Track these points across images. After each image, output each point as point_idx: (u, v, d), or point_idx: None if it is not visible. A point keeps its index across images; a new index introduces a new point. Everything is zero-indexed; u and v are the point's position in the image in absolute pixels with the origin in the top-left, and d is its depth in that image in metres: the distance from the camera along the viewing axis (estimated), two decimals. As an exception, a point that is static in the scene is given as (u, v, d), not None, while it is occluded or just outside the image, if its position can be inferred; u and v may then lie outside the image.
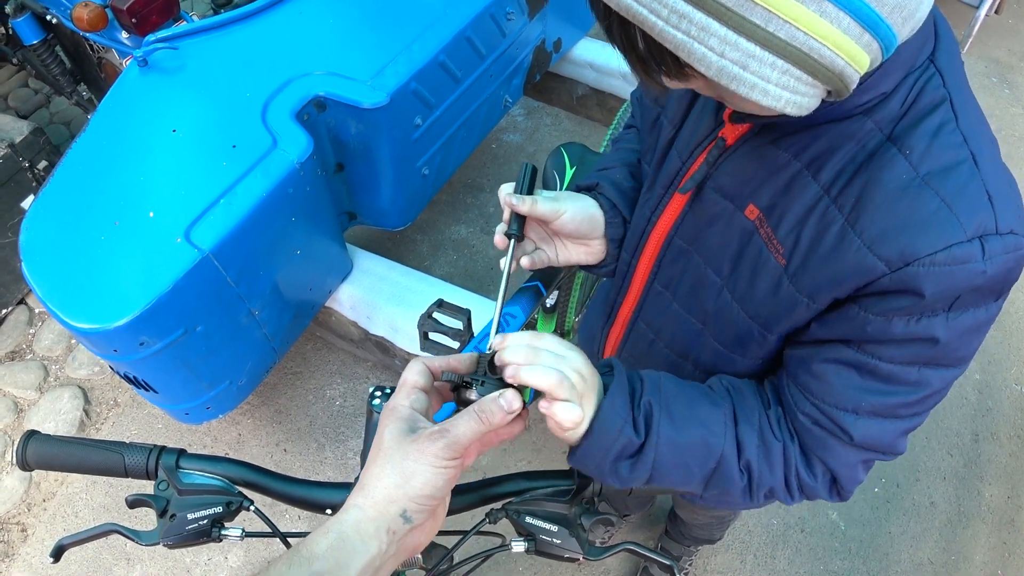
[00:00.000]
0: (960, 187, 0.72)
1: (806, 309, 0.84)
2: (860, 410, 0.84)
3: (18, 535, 2.33)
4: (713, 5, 0.56)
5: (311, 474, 2.46)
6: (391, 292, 2.31)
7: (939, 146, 0.74)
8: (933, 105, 0.75)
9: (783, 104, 0.60)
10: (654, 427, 0.83)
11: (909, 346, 0.78)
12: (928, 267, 0.72)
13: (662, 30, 0.58)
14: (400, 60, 2.00)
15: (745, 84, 0.59)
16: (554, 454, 2.49)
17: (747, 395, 0.92)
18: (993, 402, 2.67)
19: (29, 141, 2.69)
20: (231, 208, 1.67)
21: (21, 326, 2.83)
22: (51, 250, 1.64)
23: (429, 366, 0.77)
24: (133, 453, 0.91)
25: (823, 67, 0.59)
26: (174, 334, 1.65)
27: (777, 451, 0.88)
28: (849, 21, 0.57)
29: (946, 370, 0.81)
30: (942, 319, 0.76)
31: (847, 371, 0.83)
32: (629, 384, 0.85)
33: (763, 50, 0.57)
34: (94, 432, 2.57)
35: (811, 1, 0.55)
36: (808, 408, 0.86)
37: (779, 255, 0.84)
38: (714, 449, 0.85)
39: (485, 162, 3.37)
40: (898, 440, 0.87)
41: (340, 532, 0.64)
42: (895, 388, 0.82)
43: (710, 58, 0.58)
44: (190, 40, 2.00)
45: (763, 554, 2.30)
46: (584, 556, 0.91)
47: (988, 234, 0.72)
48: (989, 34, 4.12)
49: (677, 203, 0.97)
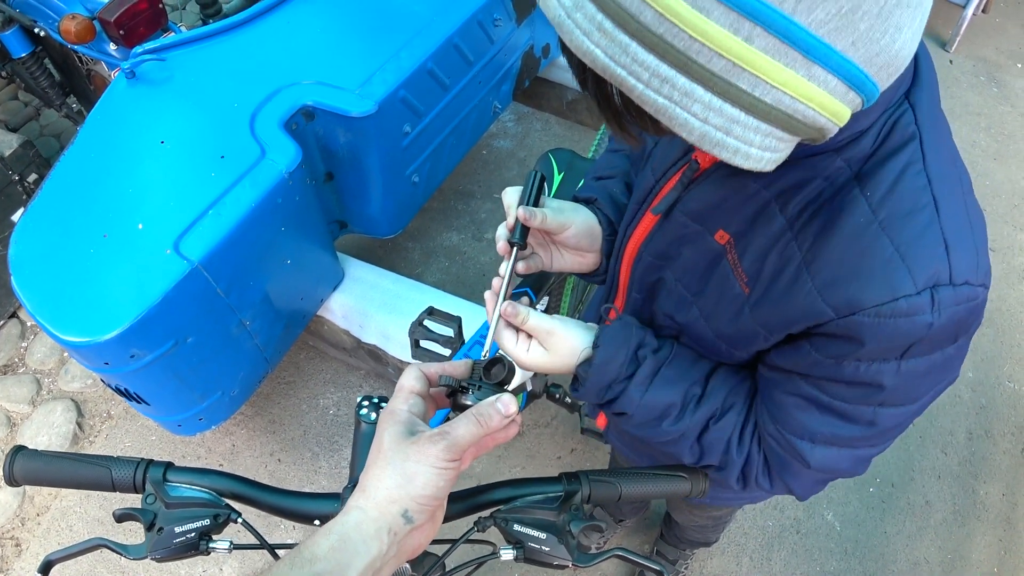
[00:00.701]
0: (916, 235, 0.71)
1: (764, 340, 0.86)
2: (816, 440, 0.87)
3: (12, 550, 2.32)
4: (699, 70, 0.53)
5: (305, 483, 2.46)
6: (382, 300, 2.31)
7: (901, 190, 0.72)
8: (902, 143, 0.73)
9: (763, 164, 0.59)
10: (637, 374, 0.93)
11: (859, 388, 0.80)
12: (873, 318, 0.72)
13: (642, 93, 0.55)
14: (388, 68, 2.01)
15: (727, 149, 0.57)
16: (547, 460, 2.49)
17: (733, 410, 0.95)
18: (986, 400, 2.67)
19: (19, 154, 2.68)
20: (220, 219, 1.67)
21: (13, 340, 2.82)
22: (40, 263, 1.63)
23: (425, 372, 0.79)
24: (120, 467, 0.91)
25: (805, 125, 0.57)
26: (165, 346, 1.65)
27: (736, 464, 0.95)
28: (836, 82, 0.55)
29: (900, 409, 0.83)
30: (893, 365, 0.76)
31: (805, 404, 0.86)
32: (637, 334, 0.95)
33: (748, 115, 0.55)
34: (88, 445, 2.56)
35: (801, 65, 0.53)
36: (772, 430, 0.91)
37: (743, 283, 0.85)
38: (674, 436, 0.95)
39: (476, 168, 3.37)
40: (857, 466, 0.91)
41: (341, 533, 0.65)
42: (850, 424, 0.84)
43: (692, 123, 0.55)
44: (178, 51, 2.00)
45: (759, 556, 2.30)
46: (573, 563, 0.90)
47: (940, 284, 0.70)
48: (977, 33, 4.14)
49: (649, 221, 0.98)
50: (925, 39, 0.65)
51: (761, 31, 0.51)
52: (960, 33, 3.97)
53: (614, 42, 0.54)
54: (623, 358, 0.93)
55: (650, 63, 0.53)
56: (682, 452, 0.97)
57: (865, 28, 0.52)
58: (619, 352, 0.92)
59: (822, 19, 0.51)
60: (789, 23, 0.50)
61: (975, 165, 3.48)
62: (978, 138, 3.60)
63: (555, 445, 2.52)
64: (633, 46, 0.53)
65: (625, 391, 0.93)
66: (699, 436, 0.95)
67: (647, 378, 0.93)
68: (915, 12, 0.54)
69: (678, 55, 0.52)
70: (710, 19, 0.50)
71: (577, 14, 0.55)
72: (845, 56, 0.53)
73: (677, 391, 0.93)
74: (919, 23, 0.55)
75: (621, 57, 0.54)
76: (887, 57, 0.55)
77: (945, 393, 2.62)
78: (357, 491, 0.69)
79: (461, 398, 0.79)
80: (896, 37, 0.54)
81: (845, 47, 0.52)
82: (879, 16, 0.52)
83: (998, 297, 2.97)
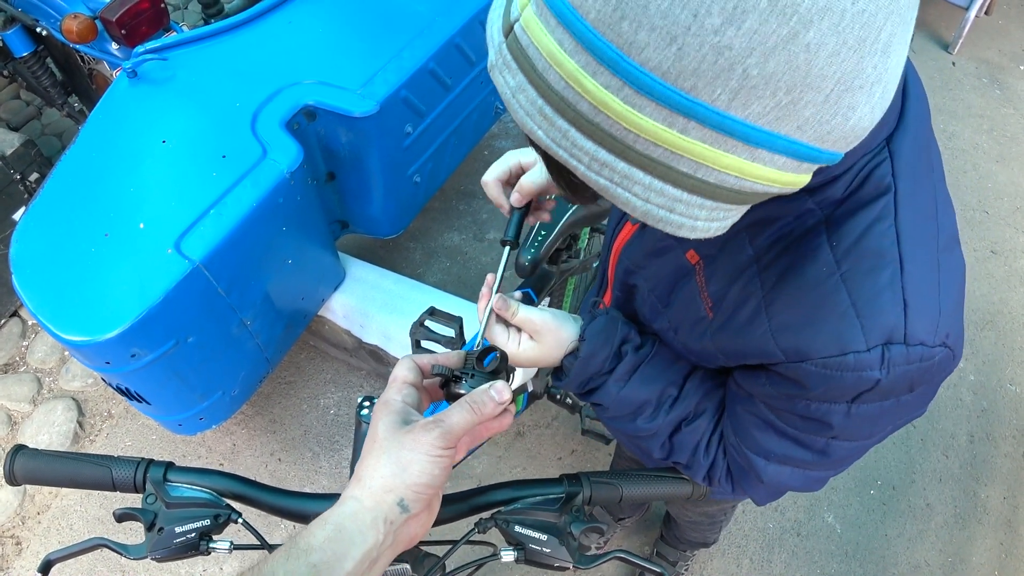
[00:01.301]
0: (875, 293, 0.70)
1: (723, 362, 0.89)
2: (771, 458, 0.89)
3: (12, 548, 2.32)
4: (637, 157, 0.52)
5: (306, 483, 2.46)
6: (384, 300, 2.31)
7: (867, 244, 0.71)
8: (875, 195, 0.71)
9: (711, 232, 0.58)
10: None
11: (810, 423, 0.81)
12: (819, 368, 0.73)
13: (583, 174, 0.55)
14: (390, 68, 2.01)
15: (672, 224, 0.56)
16: (548, 461, 2.48)
17: (705, 415, 0.97)
18: (988, 403, 2.67)
19: (20, 153, 2.68)
20: (221, 218, 1.67)
21: (14, 338, 2.82)
22: (41, 262, 1.63)
23: (418, 363, 0.79)
24: (121, 467, 0.91)
25: (756, 196, 0.56)
26: (166, 345, 1.65)
27: (702, 466, 0.97)
28: (784, 160, 0.52)
29: (853, 443, 0.84)
30: (842, 407, 0.77)
31: (762, 424, 0.88)
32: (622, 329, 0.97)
33: (691, 195, 0.54)
34: (88, 444, 2.56)
35: (742, 150, 0.51)
36: (733, 441, 0.94)
37: (708, 307, 0.86)
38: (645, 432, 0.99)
39: (477, 169, 3.35)
40: (809, 484, 0.93)
41: (337, 523, 0.65)
42: (803, 449, 0.86)
43: (634, 203, 0.55)
44: (180, 51, 2.00)
45: (759, 558, 2.30)
46: (574, 565, 0.90)
47: (893, 343, 0.70)
48: (979, 35, 4.14)
49: (629, 229, 1.00)
50: (927, 41, 0.62)
51: (696, 124, 0.49)
52: (963, 35, 3.97)
53: (554, 127, 0.54)
54: (607, 352, 0.95)
55: (589, 148, 0.53)
56: (652, 447, 1.00)
57: (811, 114, 0.49)
58: (604, 347, 0.95)
59: (759, 112, 0.48)
60: (723, 117, 0.48)
61: (978, 167, 3.48)
62: (980, 140, 3.60)
63: (556, 446, 2.51)
64: (572, 132, 0.53)
65: (604, 385, 0.96)
66: (670, 435, 0.98)
67: (626, 374, 0.95)
68: (871, 90, 0.50)
69: (615, 143, 0.52)
70: (643, 114, 0.49)
71: (520, 96, 0.55)
72: (791, 139, 0.51)
73: (653, 389, 0.96)
74: (879, 97, 0.52)
75: (562, 141, 0.54)
76: (841, 133, 0.52)
77: (947, 396, 2.61)
78: (352, 481, 0.69)
79: (454, 387, 0.80)
80: (849, 116, 0.51)
81: (790, 131, 0.50)
82: (825, 103, 0.49)
83: (1000, 300, 2.96)
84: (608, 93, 0.49)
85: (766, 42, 0.45)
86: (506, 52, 0.55)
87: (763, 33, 0.45)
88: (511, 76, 0.55)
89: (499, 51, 0.56)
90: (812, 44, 0.46)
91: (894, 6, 0.47)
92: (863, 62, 0.48)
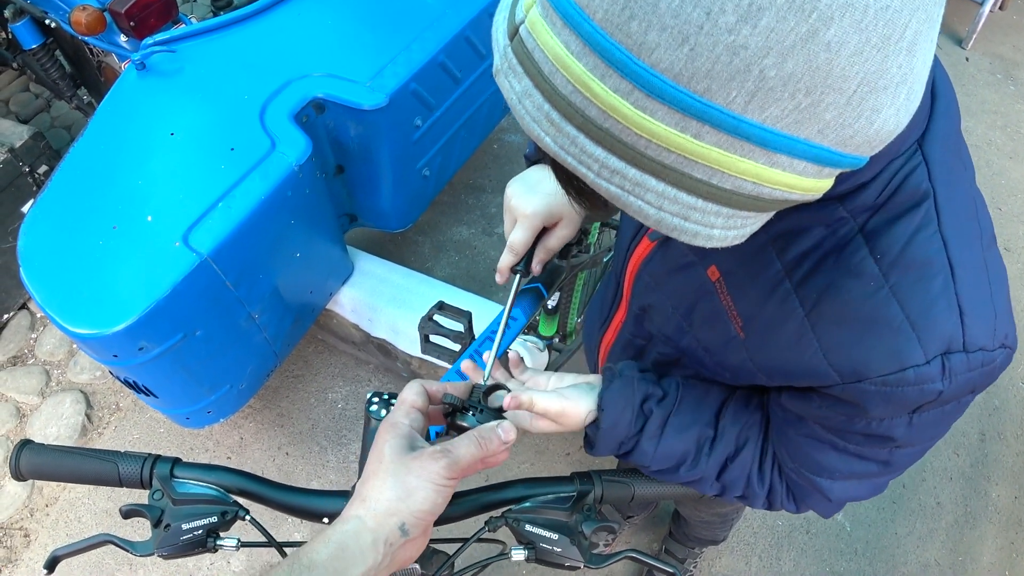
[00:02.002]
0: (929, 303, 0.68)
1: (766, 381, 0.85)
2: (835, 477, 0.86)
3: (21, 540, 2.33)
4: (648, 163, 0.49)
5: (313, 477, 2.45)
6: (392, 294, 2.30)
7: (913, 253, 0.68)
8: (914, 202, 0.68)
9: (729, 241, 0.55)
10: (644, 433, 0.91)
11: (872, 439, 0.79)
12: (879, 387, 0.70)
13: (593, 181, 0.52)
14: (399, 61, 1.99)
15: (687, 233, 0.53)
16: (556, 457, 2.48)
17: (748, 446, 0.93)
18: (1000, 401, 2.65)
19: (29, 146, 2.68)
20: (230, 211, 1.66)
21: (23, 331, 2.82)
22: (49, 255, 1.63)
23: (427, 388, 0.81)
24: (127, 462, 0.90)
25: (775, 203, 0.53)
26: (173, 338, 1.64)
27: (760, 495, 0.94)
28: (805, 165, 0.50)
29: (916, 448, 0.82)
30: (904, 420, 0.74)
31: (821, 446, 0.84)
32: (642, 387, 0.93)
33: (706, 202, 0.51)
34: (96, 437, 2.57)
35: (760, 155, 0.48)
36: (791, 466, 0.90)
37: (738, 326, 0.83)
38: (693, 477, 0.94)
39: (487, 163, 3.35)
40: (876, 491, 0.90)
41: (340, 542, 0.66)
42: (867, 462, 0.84)
43: (647, 211, 0.52)
44: (188, 43, 1.99)
45: (768, 556, 2.29)
46: (585, 564, 0.89)
47: (952, 352, 0.68)
48: (994, 31, 4.10)
49: (647, 244, 0.96)
50: (941, 36, 0.58)
51: (710, 128, 0.47)
52: (976, 30, 3.94)
53: (562, 133, 0.51)
54: (630, 416, 0.91)
55: (599, 155, 0.50)
56: (704, 490, 0.96)
57: (832, 117, 0.47)
58: (625, 411, 0.91)
59: (777, 115, 0.46)
60: (740, 121, 0.46)
61: (991, 164, 3.45)
62: (994, 136, 3.57)
63: (564, 441, 2.50)
64: (581, 138, 0.51)
65: (638, 445, 0.92)
66: (718, 475, 0.93)
67: (657, 430, 0.91)
68: (896, 91, 0.48)
69: (626, 149, 0.49)
70: (655, 119, 0.47)
71: (526, 101, 0.52)
72: (812, 143, 0.48)
73: (690, 437, 0.92)
74: (904, 99, 0.49)
75: (570, 147, 0.51)
76: (865, 137, 0.49)
77: (960, 394, 2.55)
78: (356, 500, 0.71)
79: (460, 419, 0.83)
80: (873, 119, 0.48)
81: (810, 135, 0.48)
82: (848, 105, 0.46)
83: (1013, 299, 2.93)
84: (618, 97, 0.47)
85: (784, 41, 0.43)
86: (511, 56, 0.53)
87: (781, 31, 0.43)
88: (517, 81, 0.53)
89: (504, 55, 0.54)
90: (833, 42, 0.43)
91: (919, 2, 0.45)
92: (887, 61, 0.45)
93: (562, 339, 2.03)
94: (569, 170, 0.54)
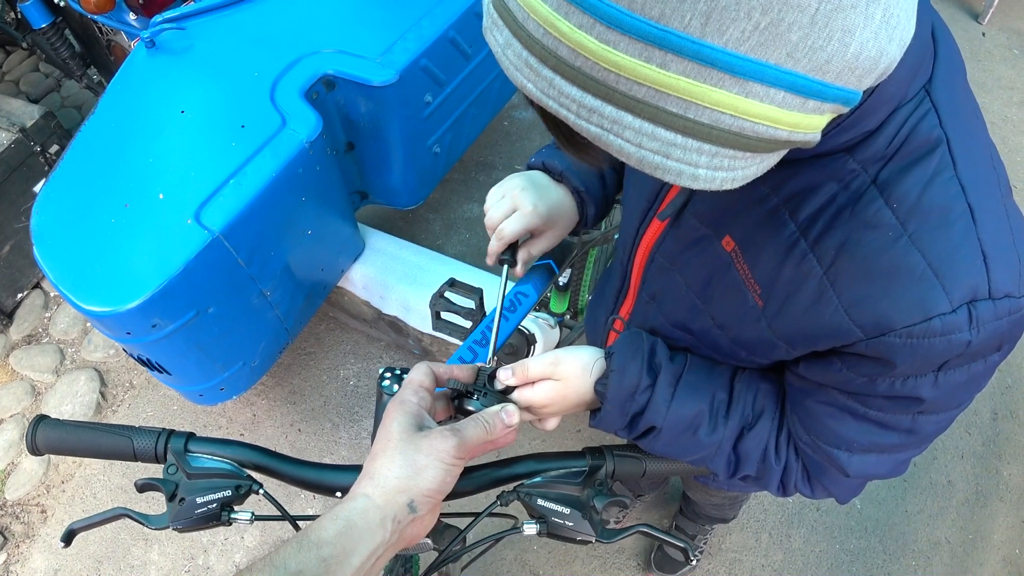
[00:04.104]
0: (952, 249, 0.66)
1: (785, 352, 0.83)
2: (853, 449, 0.84)
3: (38, 516, 2.36)
4: (621, 99, 0.49)
5: (326, 454, 2.47)
6: (403, 271, 2.30)
7: (931, 199, 0.66)
8: (928, 148, 0.67)
9: (718, 183, 0.54)
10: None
11: (896, 401, 0.77)
12: (904, 339, 0.68)
13: (574, 123, 0.53)
14: (409, 37, 1.98)
15: (670, 172, 0.52)
16: (567, 433, 2.48)
17: (766, 416, 0.92)
18: (1012, 380, 2.63)
19: (40, 125, 2.69)
20: (241, 189, 1.66)
21: (37, 310, 2.84)
22: (62, 234, 1.64)
23: (434, 370, 0.84)
24: (142, 437, 0.91)
25: (761, 141, 0.51)
26: (186, 316, 1.65)
27: (775, 472, 0.93)
28: (783, 95, 0.48)
29: (941, 415, 0.79)
30: (930, 379, 0.72)
31: (839, 414, 0.83)
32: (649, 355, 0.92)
33: (685, 138, 0.50)
34: (111, 414, 2.59)
35: (731, 83, 0.47)
36: (806, 440, 0.89)
37: (756, 295, 0.81)
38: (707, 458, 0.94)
39: (497, 140, 3.34)
40: (897, 468, 0.88)
41: (348, 519, 0.67)
42: (888, 431, 0.81)
43: (628, 149, 0.52)
44: (198, 20, 1.98)
45: (778, 533, 2.29)
46: (597, 538, 0.90)
47: (979, 300, 0.66)
48: (1012, 5, 4.03)
49: (658, 226, 0.95)
50: (957, 11, 0.57)
51: (674, 56, 0.46)
52: (993, 5, 3.87)
53: (540, 77, 0.52)
54: (639, 364, 0.90)
55: (575, 95, 0.51)
56: (718, 466, 0.94)
57: (799, 39, 0.46)
58: (635, 357, 0.90)
59: (739, 37, 0.45)
60: (699, 45, 0.45)
61: (1007, 140, 3.40)
62: (1011, 113, 3.52)
63: (575, 417, 2.51)
64: (557, 80, 0.51)
65: (651, 400, 0.90)
66: (735, 445, 0.92)
67: (670, 384, 0.90)
68: (867, 11, 0.46)
69: (599, 86, 0.50)
70: (618, 51, 0.47)
71: (508, 51, 0.54)
72: (784, 68, 0.47)
73: (703, 398, 0.90)
74: (880, 20, 0.47)
75: (549, 90, 0.52)
76: (843, 62, 0.48)
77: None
78: (364, 477, 0.71)
79: (465, 402, 0.85)
80: (848, 41, 0.46)
81: (779, 59, 0.46)
82: (813, 24, 0.45)
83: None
84: (582, 33, 0.48)
85: None
86: (493, 11, 0.55)
87: None
88: (499, 33, 0.54)
89: (488, 11, 0.56)
90: None
91: None
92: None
93: (573, 316, 2.02)
94: (553, 115, 0.55)
